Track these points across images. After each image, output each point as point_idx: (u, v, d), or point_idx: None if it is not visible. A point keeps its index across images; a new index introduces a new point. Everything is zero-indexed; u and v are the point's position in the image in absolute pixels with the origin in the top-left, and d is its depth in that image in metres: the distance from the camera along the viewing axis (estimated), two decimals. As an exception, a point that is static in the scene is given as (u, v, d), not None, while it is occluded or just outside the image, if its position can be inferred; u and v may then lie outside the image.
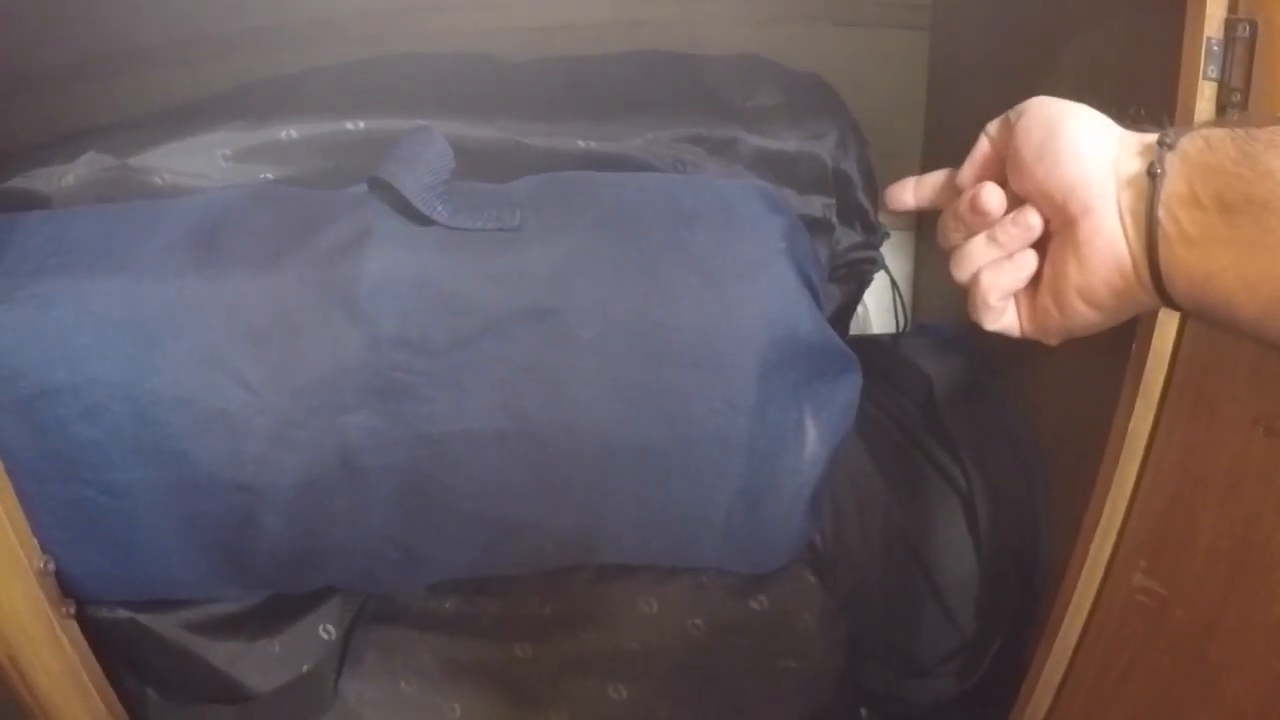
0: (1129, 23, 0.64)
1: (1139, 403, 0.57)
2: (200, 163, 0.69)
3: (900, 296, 0.83)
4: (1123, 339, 0.59)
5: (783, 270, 0.61)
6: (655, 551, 0.67)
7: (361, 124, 0.69)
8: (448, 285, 0.59)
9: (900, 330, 0.86)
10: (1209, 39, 0.50)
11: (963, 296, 0.53)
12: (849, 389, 0.65)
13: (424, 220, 0.61)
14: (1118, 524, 0.61)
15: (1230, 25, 0.50)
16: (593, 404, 0.60)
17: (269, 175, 0.70)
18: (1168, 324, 0.54)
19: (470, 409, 0.59)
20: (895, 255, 0.87)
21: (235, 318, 0.60)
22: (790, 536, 0.67)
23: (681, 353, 0.59)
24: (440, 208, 0.60)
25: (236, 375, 0.60)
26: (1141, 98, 0.60)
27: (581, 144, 0.70)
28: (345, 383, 0.59)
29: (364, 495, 0.62)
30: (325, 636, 0.70)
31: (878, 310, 0.93)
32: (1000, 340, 0.52)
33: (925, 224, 0.96)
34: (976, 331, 0.53)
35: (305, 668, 0.70)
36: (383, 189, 0.63)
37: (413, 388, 0.59)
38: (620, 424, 0.60)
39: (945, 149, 0.94)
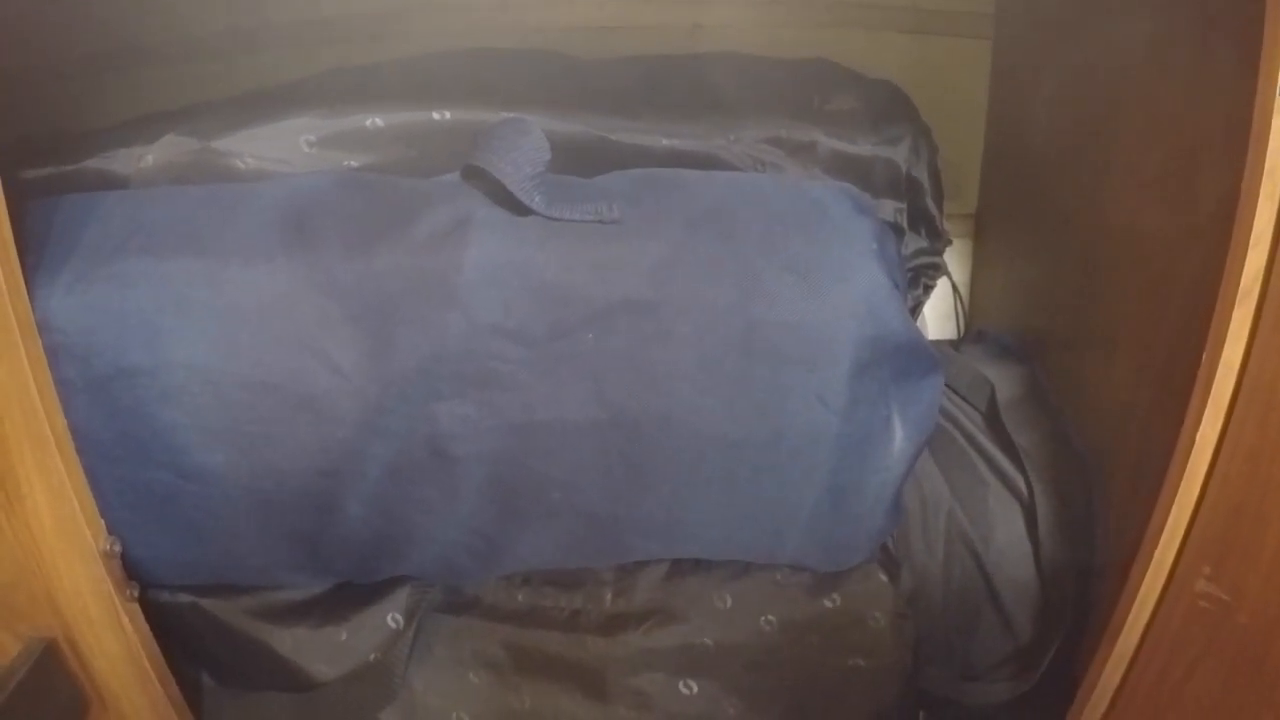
0: (1195, 38, 0.64)
1: (1208, 411, 0.57)
2: (283, 148, 0.69)
3: (961, 302, 0.84)
4: (1177, 352, 0.60)
5: (874, 272, 0.61)
6: (737, 546, 0.68)
7: (448, 114, 0.69)
8: (549, 276, 0.59)
9: (959, 336, 0.86)
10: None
11: (1019, 303, 0.52)
12: (933, 389, 0.66)
13: (523, 210, 0.61)
14: (1182, 530, 0.61)
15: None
16: (687, 397, 0.60)
17: (352, 163, 0.69)
18: (1238, 336, 0.55)
19: (566, 399, 0.59)
20: (952, 262, 0.87)
21: (327, 303, 0.59)
22: (871, 533, 0.68)
23: (776, 349, 0.60)
24: (538, 198, 0.61)
25: (327, 360, 0.59)
26: (1204, 108, 0.61)
27: (665, 141, 0.71)
28: (441, 370, 0.59)
29: (453, 484, 0.62)
30: (393, 626, 0.70)
31: (934, 317, 0.94)
32: (1058, 349, 0.52)
33: (982, 232, 0.97)
34: (1035, 340, 0.54)
35: (372, 656, 0.69)
36: (479, 178, 0.63)
37: (509, 376, 0.59)
38: (714, 417, 0.60)
39: (1005, 156, 0.95)
